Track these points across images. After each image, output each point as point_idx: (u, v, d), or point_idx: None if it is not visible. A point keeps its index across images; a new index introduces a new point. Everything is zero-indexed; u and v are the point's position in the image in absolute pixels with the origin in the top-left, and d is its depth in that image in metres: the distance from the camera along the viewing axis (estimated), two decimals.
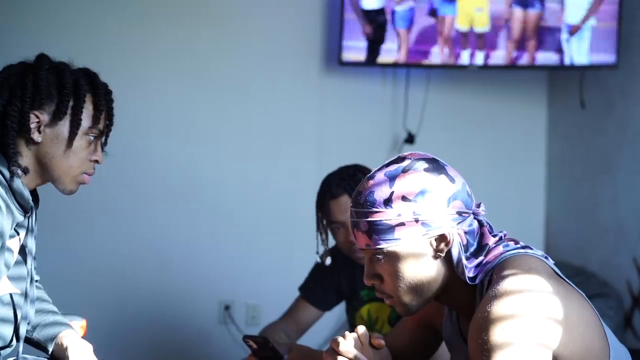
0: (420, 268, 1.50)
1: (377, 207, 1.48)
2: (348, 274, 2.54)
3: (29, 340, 1.84)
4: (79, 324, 2.04)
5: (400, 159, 1.53)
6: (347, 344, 1.56)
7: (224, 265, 3.63)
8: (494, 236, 1.54)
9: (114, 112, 1.81)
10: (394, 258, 1.49)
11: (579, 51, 3.41)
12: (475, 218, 1.52)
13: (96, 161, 1.79)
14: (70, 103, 1.72)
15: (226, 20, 3.63)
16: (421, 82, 3.67)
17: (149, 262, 3.59)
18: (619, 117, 3.37)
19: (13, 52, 3.75)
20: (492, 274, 1.47)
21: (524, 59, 3.46)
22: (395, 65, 3.57)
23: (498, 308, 1.37)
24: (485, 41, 3.46)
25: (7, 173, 1.68)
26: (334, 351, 1.55)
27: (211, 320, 3.63)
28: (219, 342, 3.62)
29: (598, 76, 3.48)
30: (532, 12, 3.42)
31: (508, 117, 3.82)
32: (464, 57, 3.49)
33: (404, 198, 1.47)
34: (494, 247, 1.51)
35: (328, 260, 2.47)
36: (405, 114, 3.68)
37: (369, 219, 1.49)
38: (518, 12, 3.43)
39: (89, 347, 1.83)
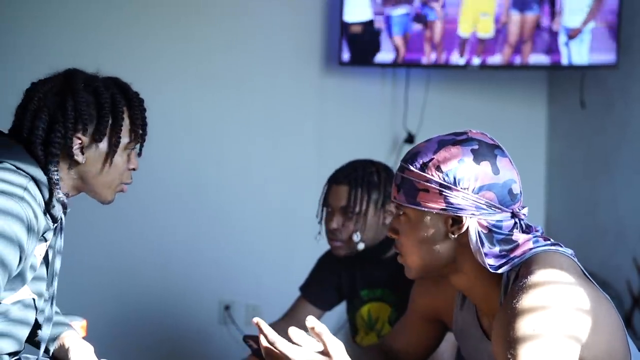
0: (430, 240, 1.51)
1: (414, 167, 1.50)
2: (349, 273, 2.54)
3: (30, 340, 1.85)
4: (79, 325, 2.04)
5: (462, 133, 1.55)
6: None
7: (224, 266, 3.63)
8: (526, 233, 1.52)
9: None
10: (410, 220, 1.52)
11: (579, 54, 3.40)
12: (513, 218, 1.51)
13: (133, 169, 1.82)
14: (109, 122, 1.73)
15: (226, 20, 3.63)
16: (421, 82, 3.67)
17: (149, 262, 3.59)
18: (619, 116, 3.37)
19: (11, 53, 3.78)
20: (519, 268, 1.45)
21: (519, 62, 3.46)
22: (395, 65, 3.57)
23: (526, 300, 1.36)
24: (485, 46, 3.46)
25: (45, 192, 1.68)
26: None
27: (211, 320, 3.63)
28: (219, 342, 3.62)
29: (598, 76, 3.48)
30: (530, 15, 3.42)
31: (508, 117, 3.81)
32: (458, 62, 3.49)
33: (437, 168, 1.48)
34: (523, 242, 1.50)
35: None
36: (405, 114, 3.68)
37: (403, 175, 1.52)
38: (515, 15, 3.42)
39: (90, 348, 1.84)
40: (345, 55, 3.51)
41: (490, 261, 1.47)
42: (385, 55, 3.51)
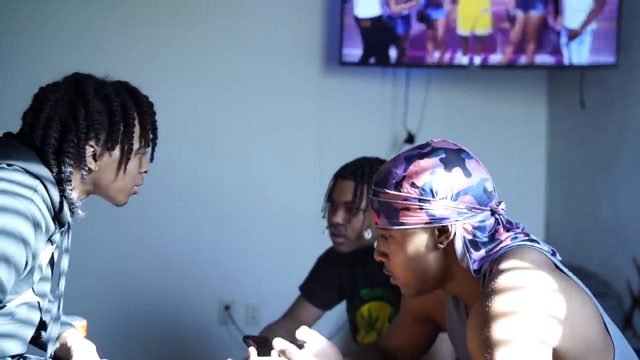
0: (421, 255, 1.51)
1: (388, 189, 1.51)
2: (349, 272, 2.54)
3: (32, 340, 1.84)
4: (79, 324, 2.04)
5: (425, 145, 1.55)
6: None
7: (224, 265, 3.63)
8: (508, 231, 1.53)
9: None
10: (397, 240, 1.52)
11: (579, 55, 3.40)
12: (493, 215, 1.52)
13: (145, 172, 1.84)
14: (121, 129, 1.74)
15: (226, 19, 3.63)
16: (421, 82, 3.67)
17: (149, 262, 3.59)
18: (619, 117, 3.37)
19: (10, 52, 3.77)
20: (493, 265, 1.47)
21: (522, 61, 3.46)
22: (395, 65, 3.58)
23: (497, 304, 1.37)
24: (484, 44, 3.46)
25: (54, 194, 1.68)
26: None
27: (211, 320, 3.63)
28: (219, 342, 3.62)
29: (598, 76, 3.48)
30: (534, 15, 3.42)
31: (508, 117, 3.82)
32: (462, 61, 3.49)
33: (412, 184, 1.49)
34: (504, 240, 1.51)
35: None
36: (405, 114, 3.68)
37: (380, 199, 1.52)
38: (520, 14, 3.42)
39: (92, 347, 1.84)
40: (357, 52, 3.51)
41: (474, 266, 1.49)
42: (390, 53, 3.52)
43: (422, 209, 1.48)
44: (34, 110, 1.72)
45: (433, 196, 1.48)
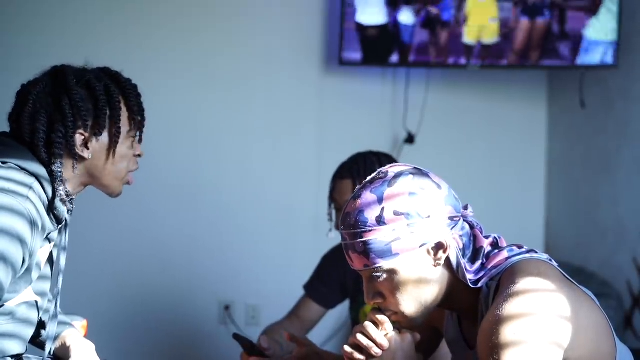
0: (422, 279, 1.48)
1: (370, 226, 1.45)
2: (353, 271, 2.52)
3: (32, 339, 1.84)
4: (79, 324, 2.04)
5: (383, 174, 1.50)
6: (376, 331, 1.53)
7: (224, 265, 3.63)
8: (486, 238, 1.53)
9: None
10: (394, 274, 1.47)
11: (585, 60, 3.40)
12: (465, 220, 1.51)
13: (139, 155, 1.82)
14: (107, 113, 1.72)
15: (226, 20, 3.63)
16: (421, 82, 3.67)
17: (149, 262, 3.59)
18: (619, 117, 3.37)
19: (11, 54, 3.77)
20: (500, 279, 1.46)
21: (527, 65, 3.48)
22: (395, 65, 3.58)
23: (509, 309, 1.37)
24: (490, 52, 3.45)
25: (50, 191, 1.68)
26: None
27: (211, 320, 3.63)
28: (219, 342, 3.62)
29: (598, 76, 3.48)
30: (540, 21, 3.41)
31: (508, 117, 3.82)
32: (462, 62, 3.49)
33: (395, 212, 1.44)
34: (497, 252, 1.51)
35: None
36: (405, 114, 3.68)
37: (363, 239, 1.46)
38: (524, 22, 3.41)
39: (91, 347, 1.84)
40: (357, 55, 3.50)
41: (470, 276, 1.49)
42: (392, 59, 3.52)
43: (413, 233, 1.44)
44: (18, 107, 1.72)
45: (420, 217, 1.45)
